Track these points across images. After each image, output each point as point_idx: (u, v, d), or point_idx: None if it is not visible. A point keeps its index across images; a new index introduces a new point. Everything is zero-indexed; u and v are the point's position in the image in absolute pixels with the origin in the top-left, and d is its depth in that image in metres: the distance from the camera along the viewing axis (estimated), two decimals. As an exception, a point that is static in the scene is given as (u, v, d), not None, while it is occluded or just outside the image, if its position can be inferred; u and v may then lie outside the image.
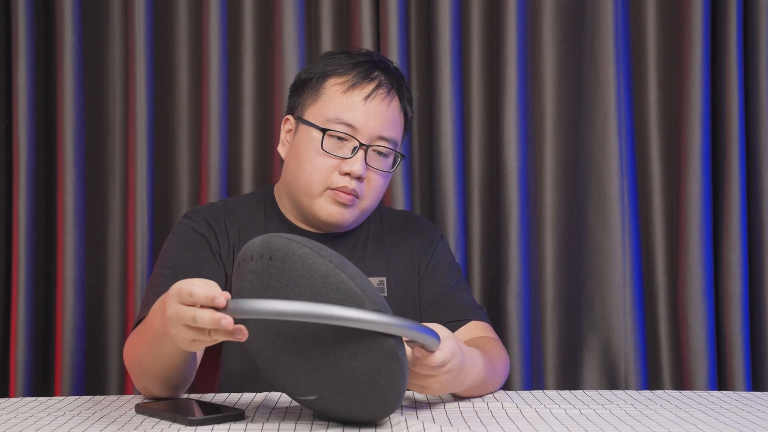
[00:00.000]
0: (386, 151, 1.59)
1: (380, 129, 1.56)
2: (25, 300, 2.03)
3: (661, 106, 2.13)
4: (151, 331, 1.28)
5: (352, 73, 1.58)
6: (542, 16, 2.11)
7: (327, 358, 1.14)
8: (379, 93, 1.57)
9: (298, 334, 1.14)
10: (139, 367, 1.37)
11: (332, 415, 1.21)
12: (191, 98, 2.14)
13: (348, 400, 1.16)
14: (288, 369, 1.17)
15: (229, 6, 2.12)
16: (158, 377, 1.35)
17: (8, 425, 1.23)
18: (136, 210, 2.05)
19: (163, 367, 1.32)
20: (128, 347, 1.44)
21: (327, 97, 1.57)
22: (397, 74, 1.64)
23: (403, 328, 1.14)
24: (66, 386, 2.03)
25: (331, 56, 1.63)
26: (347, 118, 1.55)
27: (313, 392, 1.18)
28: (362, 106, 1.55)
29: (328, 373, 1.15)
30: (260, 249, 1.16)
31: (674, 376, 2.10)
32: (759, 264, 2.06)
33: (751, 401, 1.46)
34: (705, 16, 2.04)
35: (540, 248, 2.11)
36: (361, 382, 1.14)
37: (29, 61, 2.05)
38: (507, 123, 2.06)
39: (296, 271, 1.14)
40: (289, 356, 1.16)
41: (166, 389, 1.39)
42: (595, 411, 1.35)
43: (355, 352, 1.13)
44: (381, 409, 1.17)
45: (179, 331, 1.12)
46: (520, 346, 2.04)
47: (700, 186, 2.04)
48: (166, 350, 1.28)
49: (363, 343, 1.13)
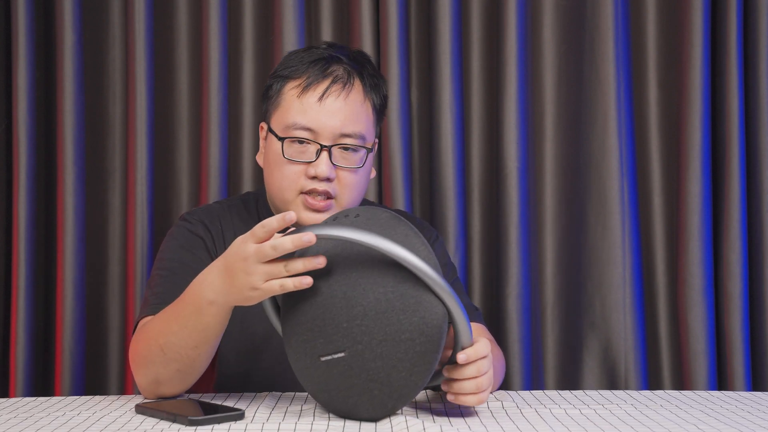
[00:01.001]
0: (352, 146, 1.55)
1: (341, 126, 1.53)
2: (25, 300, 2.03)
3: (661, 106, 2.13)
4: (186, 309, 1.32)
5: (307, 73, 1.54)
6: (542, 16, 2.11)
7: (379, 305, 1.19)
8: (333, 90, 1.53)
9: (361, 276, 1.21)
10: (161, 350, 1.36)
11: (347, 386, 1.22)
12: (191, 98, 2.14)
13: (376, 361, 1.19)
14: (332, 314, 1.21)
15: (229, 6, 2.11)
16: (184, 359, 1.35)
17: (8, 425, 1.23)
18: (136, 210, 2.05)
19: (196, 343, 1.33)
20: (143, 336, 1.42)
21: (285, 103, 1.55)
22: (359, 60, 1.59)
23: (452, 296, 1.19)
24: (66, 386, 2.03)
25: (292, 56, 1.60)
26: (304, 122, 1.52)
27: (345, 345, 1.21)
28: (318, 107, 1.52)
29: (373, 322, 1.20)
30: (345, 210, 1.29)
31: (674, 376, 2.10)
32: (759, 264, 2.06)
33: (751, 401, 1.46)
34: (705, 16, 2.04)
35: (540, 248, 2.11)
36: (400, 341, 1.19)
37: (29, 61, 2.05)
38: (507, 123, 2.06)
39: (379, 226, 1.25)
40: (341, 297, 1.21)
41: (182, 377, 1.38)
42: (595, 411, 1.35)
43: (407, 307, 1.19)
44: (404, 381, 1.20)
45: (255, 270, 1.21)
46: (520, 346, 2.04)
47: (700, 186, 2.04)
48: (206, 321, 1.31)
49: (419, 302, 1.19)
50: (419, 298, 1.20)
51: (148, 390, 1.43)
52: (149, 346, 1.39)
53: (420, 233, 1.25)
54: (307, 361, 1.25)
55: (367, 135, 1.56)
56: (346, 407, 1.24)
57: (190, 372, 1.39)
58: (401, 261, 1.18)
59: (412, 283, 1.20)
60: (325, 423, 1.22)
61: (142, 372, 1.42)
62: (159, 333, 1.37)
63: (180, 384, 1.41)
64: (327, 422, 1.22)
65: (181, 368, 1.37)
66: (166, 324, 1.36)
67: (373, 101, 1.59)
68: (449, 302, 1.20)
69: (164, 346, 1.36)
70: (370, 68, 1.60)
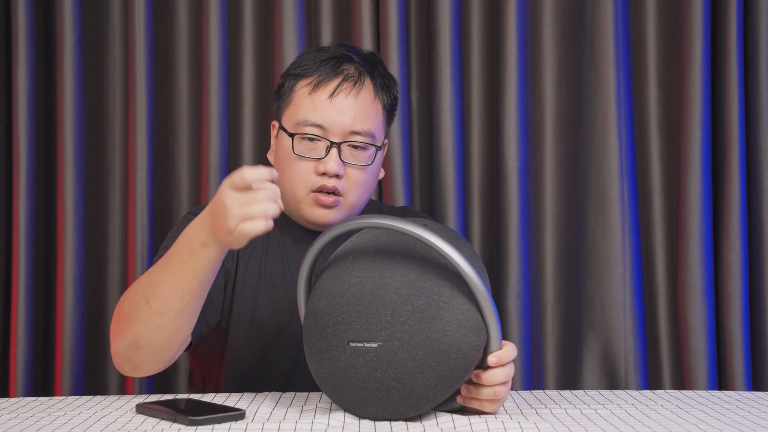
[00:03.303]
0: (362, 144, 1.56)
1: (350, 124, 1.54)
2: (25, 300, 2.03)
3: (661, 106, 2.13)
4: (177, 255, 1.30)
5: (318, 71, 1.55)
6: (542, 16, 2.11)
7: (429, 311, 1.20)
8: (344, 87, 1.54)
9: (419, 279, 1.22)
10: (147, 303, 1.32)
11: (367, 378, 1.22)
12: (191, 98, 2.14)
13: (407, 362, 1.20)
14: (377, 304, 1.22)
15: (229, 6, 2.12)
16: (169, 311, 1.32)
17: (8, 425, 1.23)
18: (136, 210, 2.05)
19: (184, 292, 1.31)
20: (129, 293, 1.39)
21: (296, 100, 1.56)
22: (371, 60, 1.60)
23: (487, 296, 1.21)
24: (66, 386, 2.03)
25: (303, 55, 1.61)
26: (315, 119, 1.53)
27: (382, 338, 1.21)
28: (328, 104, 1.54)
29: (418, 324, 1.20)
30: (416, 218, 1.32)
31: (674, 376, 2.10)
32: (759, 264, 2.06)
33: (751, 401, 1.46)
34: (705, 16, 2.04)
35: (540, 248, 2.11)
36: (437, 350, 1.19)
37: (29, 61, 2.05)
38: (507, 123, 2.06)
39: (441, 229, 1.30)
40: (394, 291, 1.22)
41: (162, 336, 1.35)
42: (596, 411, 1.35)
43: (454, 321, 1.20)
44: (426, 389, 1.20)
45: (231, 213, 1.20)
46: (520, 346, 2.04)
47: (700, 186, 2.04)
48: (198, 265, 1.29)
49: (467, 319, 1.20)
50: (468, 315, 1.21)
51: (125, 356, 1.38)
52: (135, 301, 1.35)
53: None
54: (332, 342, 1.24)
55: (376, 133, 1.57)
56: (355, 399, 1.24)
57: (172, 329, 1.34)
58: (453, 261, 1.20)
59: (466, 299, 1.21)
60: (324, 423, 1.22)
61: (122, 332, 1.37)
62: (146, 286, 1.34)
63: (159, 345, 1.36)
64: (327, 421, 1.22)
65: (163, 323, 1.33)
66: (155, 275, 1.34)
67: (383, 101, 1.60)
68: (483, 295, 1.21)
69: (151, 297, 1.32)
70: (381, 69, 1.61)
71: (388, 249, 1.26)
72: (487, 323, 1.22)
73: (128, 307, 1.37)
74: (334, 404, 1.34)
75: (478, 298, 1.21)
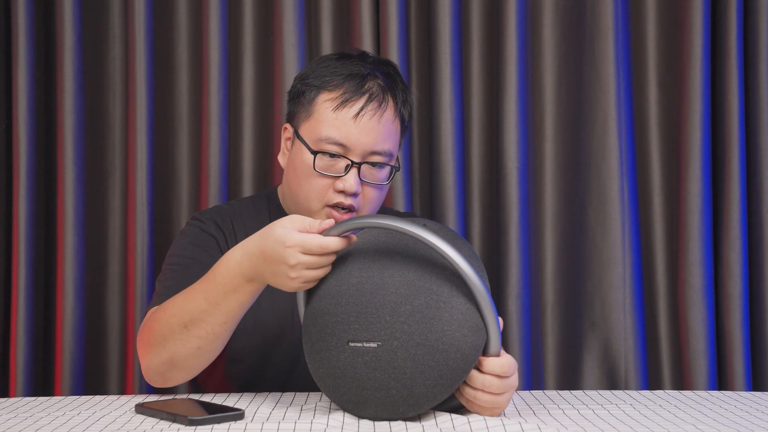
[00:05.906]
0: (380, 163, 1.57)
1: (372, 145, 1.55)
2: (25, 300, 2.03)
3: (661, 106, 2.13)
4: (219, 288, 1.34)
5: (343, 87, 1.55)
6: (542, 16, 2.11)
7: (428, 311, 1.21)
8: (369, 109, 1.54)
9: (418, 279, 1.23)
10: (184, 327, 1.37)
11: (366, 378, 1.22)
12: (191, 98, 2.14)
13: (407, 362, 1.20)
14: (377, 304, 1.22)
15: (229, 6, 2.12)
16: (209, 335, 1.37)
17: (8, 425, 1.23)
18: (136, 210, 2.05)
19: (226, 319, 1.36)
20: (161, 315, 1.42)
21: (318, 114, 1.56)
22: (392, 74, 1.61)
23: (487, 296, 1.21)
24: (66, 386, 2.03)
25: (325, 64, 1.59)
26: (338, 137, 1.53)
27: (381, 338, 1.22)
28: (352, 124, 1.53)
29: (417, 324, 1.21)
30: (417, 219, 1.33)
31: (674, 376, 2.10)
32: (759, 264, 2.06)
33: (751, 401, 1.46)
34: (705, 16, 2.04)
35: (540, 248, 2.11)
36: (436, 350, 1.20)
37: (29, 61, 2.05)
38: (507, 123, 2.06)
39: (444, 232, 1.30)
40: (393, 291, 1.22)
41: (200, 355, 1.39)
42: (595, 411, 1.35)
43: (453, 321, 1.20)
44: (425, 389, 1.20)
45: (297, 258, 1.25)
46: (520, 346, 2.04)
47: (700, 186, 2.04)
48: (242, 299, 1.34)
49: (467, 319, 1.21)
50: (468, 315, 1.21)
51: (158, 372, 1.43)
52: (169, 325, 1.39)
53: None
54: (331, 342, 1.25)
55: (394, 152, 1.59)
56: (354, 399, 1.24)
57: (209, 350, 1.40)
58: (452, 261, 1.20)
59: (465, 299, 1.22)
60: (324, 422, 1.22)
61: (155, 352, 1.41)
62: (182, 311, 1.38)
63: (195, 364, 1.41)
64: (326, 421, 1.22)
65: (202, 345, 1.38)
66: (192, 302, 1.37)
67: (403, 117, 1.62)
68: (487, 313, 1.21)
69: (189, 323, 1.37)
70: (401, 83, 1.62)
71: (387, 249, 1.26)
72: (487, 323, 1.22)
73: (161, 328, 1.41)
74: (333, 404, 1.34)
75: (477, 298, 1.21)
